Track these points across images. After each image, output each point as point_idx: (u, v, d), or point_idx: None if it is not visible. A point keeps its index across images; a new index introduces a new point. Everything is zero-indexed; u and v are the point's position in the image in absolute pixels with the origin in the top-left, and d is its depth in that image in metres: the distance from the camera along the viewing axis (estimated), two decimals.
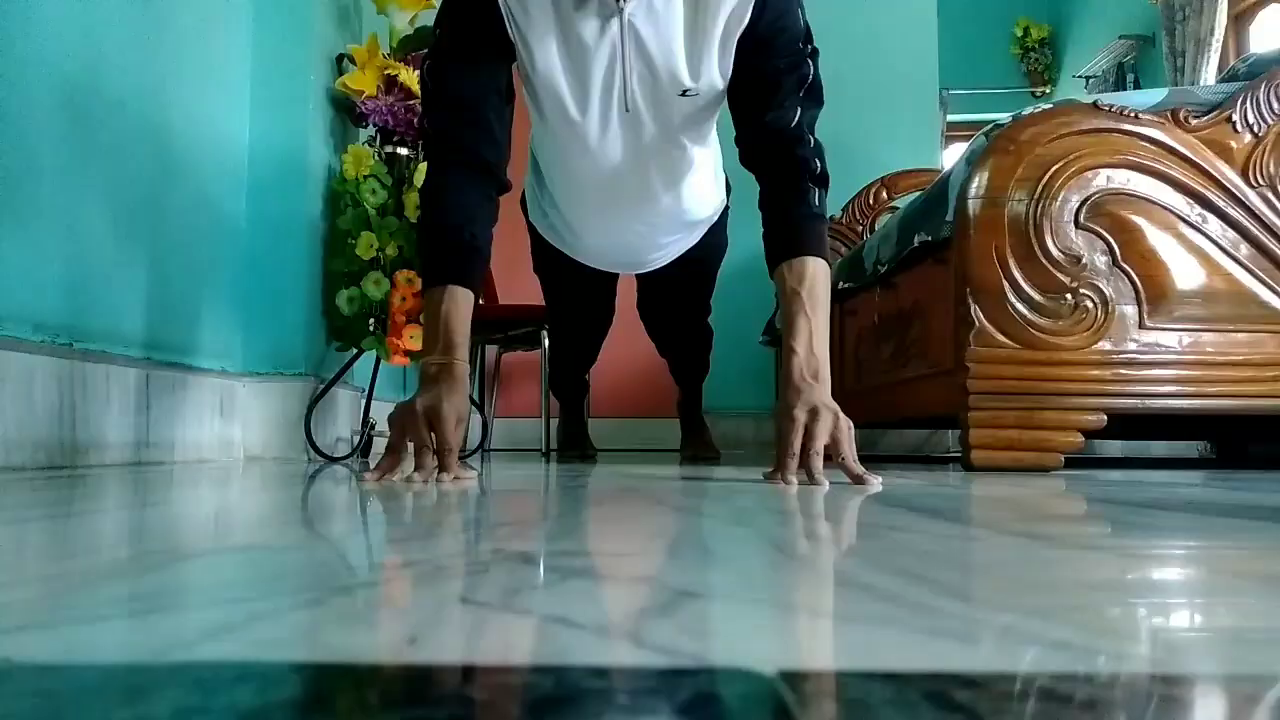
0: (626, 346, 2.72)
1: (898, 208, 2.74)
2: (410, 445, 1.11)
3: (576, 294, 2.01)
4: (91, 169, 1.49)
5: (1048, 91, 5.44)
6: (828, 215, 1.32)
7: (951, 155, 4.67)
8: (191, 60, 1.81)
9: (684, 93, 1.34)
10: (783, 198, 1.29)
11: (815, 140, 1.32)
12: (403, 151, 2.18)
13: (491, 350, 3.35)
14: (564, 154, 1.50)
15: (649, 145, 1.45)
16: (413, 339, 2.04)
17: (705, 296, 2.13)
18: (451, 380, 1.14)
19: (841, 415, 1.13)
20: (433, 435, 1.11)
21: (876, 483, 1.07)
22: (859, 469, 1.10)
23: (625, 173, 1.50)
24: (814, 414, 1.12)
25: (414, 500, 0.84)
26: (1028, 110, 1.72)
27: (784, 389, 1.19)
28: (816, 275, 1.23)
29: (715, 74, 1.33)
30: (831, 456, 1.12)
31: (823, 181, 1.31)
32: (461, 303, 1.19)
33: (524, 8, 1.27)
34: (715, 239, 1.92)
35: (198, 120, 1.84)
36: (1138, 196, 1.67)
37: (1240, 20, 4.01)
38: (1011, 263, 1.64)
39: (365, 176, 2.12)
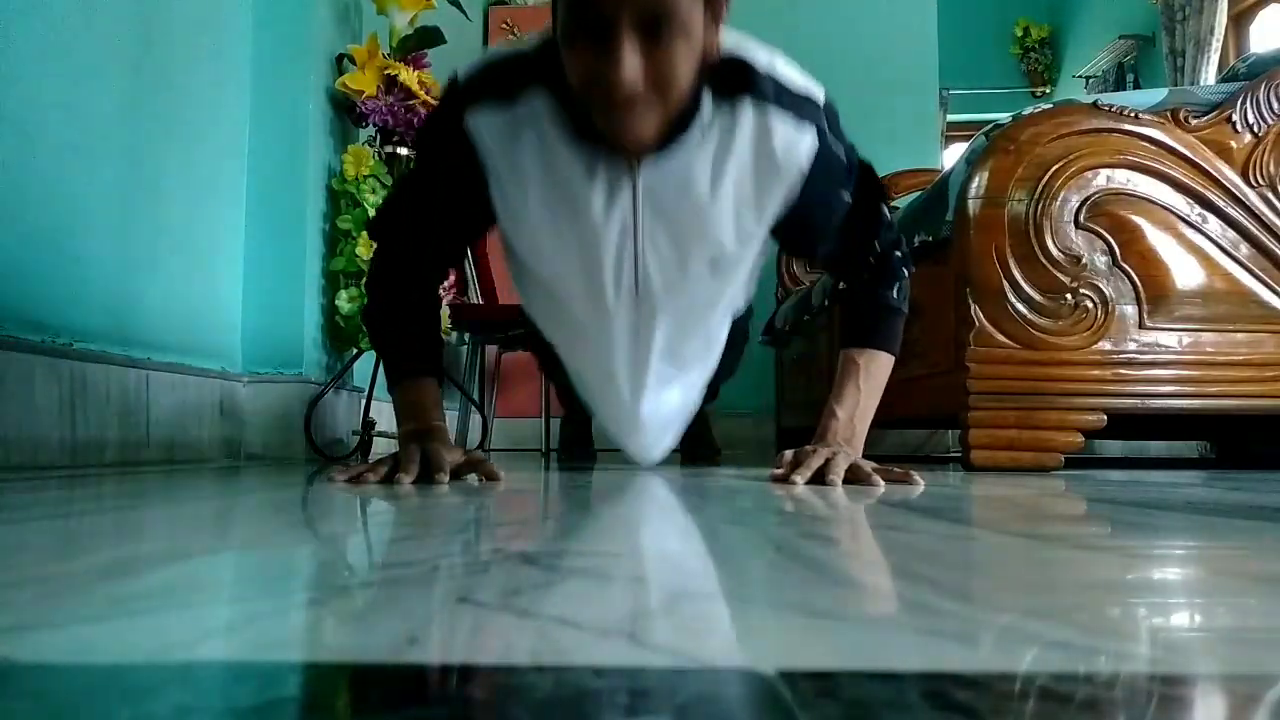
0: None
1: (898, 208, 2.74)
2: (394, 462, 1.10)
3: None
4: (91, 168, 1.49)
5: (1048, 91, 5.44)
6: (905, 308, 1.26)
7: (951, 155, 4.67)
8: (191, 60, 1.81)
9: (713, 263, 1.18)
10: (857, 292, 1.26)
11: (885, 238, 1.23)
12: (403, 151, 2.18)
13: (492, 350, 3.35)
14: (553, 322, 1.34)
15: (660, 329, 1.25)
16: None
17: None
18: (435, 434, 1.14)
19: (851, 456, 1.13)
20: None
21: (881, 487, 1.07)
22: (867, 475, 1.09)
23: (628, 351, 1.29)
24: (832, 455, 1.12)
25: (414, 501, 0.84)
26: (1028, 110, 1.72)
27: (816, 435, 1.20)
28: (879, 363, 1.23)
29: (753, 240, 1.19)
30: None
31: (898, 274, 1.24)
32: (431, 387, 1.19)
33: (511, 163, 1.08)
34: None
35: (197, 119, 1.84)
36: (1138, 196, 1.67)
37: (1240, 20, 4.01)
38: (1011, 263, 1.64)
39: (365, 176, 2.12)
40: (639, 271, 1.16)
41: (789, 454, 1.15)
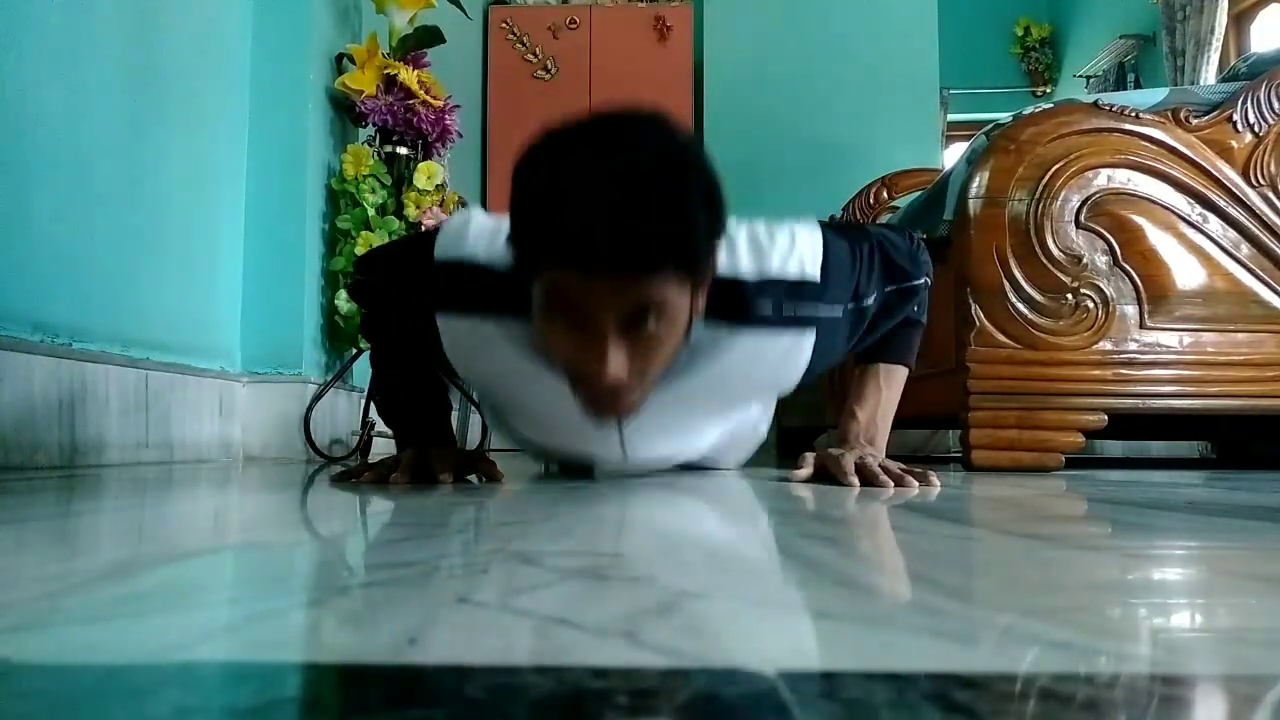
0: None
1: (898, 208, 2.74)
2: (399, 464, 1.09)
3: None
4: (91, 167, 1.49)
5: (1048, 91, 5.43)
6: (925, 317, 1.23)
7: (952, 155, 4.67)
8: (191, 60, 1.81)
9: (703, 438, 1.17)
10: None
11: (918, 285, 1.18)
12: (402, 151, 2.18)
13: None
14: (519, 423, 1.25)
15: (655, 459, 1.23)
16: None
17: None
18: (437, 438, 1.14)
19: (875, 459, 1.12)
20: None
21: (937, 486, 1.07)
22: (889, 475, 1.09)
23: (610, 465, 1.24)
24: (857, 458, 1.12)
25: (414, 501, 0.84)
26: (1028, 110, 1.72)
27: (838, 438, 1.20)
28: (897, 370, 1.22)
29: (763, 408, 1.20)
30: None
31: (922, 291, 1.19)
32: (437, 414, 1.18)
33: (480, 365, 1.05)
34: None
35: (197, 119, 1.84)
36: (1138, 196, 1.67)
37: (1241, 20, 4.01)
38: (1012, 262, 1.64)
39: (365, 176, 2.11)
40: (626, 455, 1.14)
41: (810, 456, 1.15)
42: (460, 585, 0.37)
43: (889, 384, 1.21)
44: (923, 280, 1.17)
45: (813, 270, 1.02)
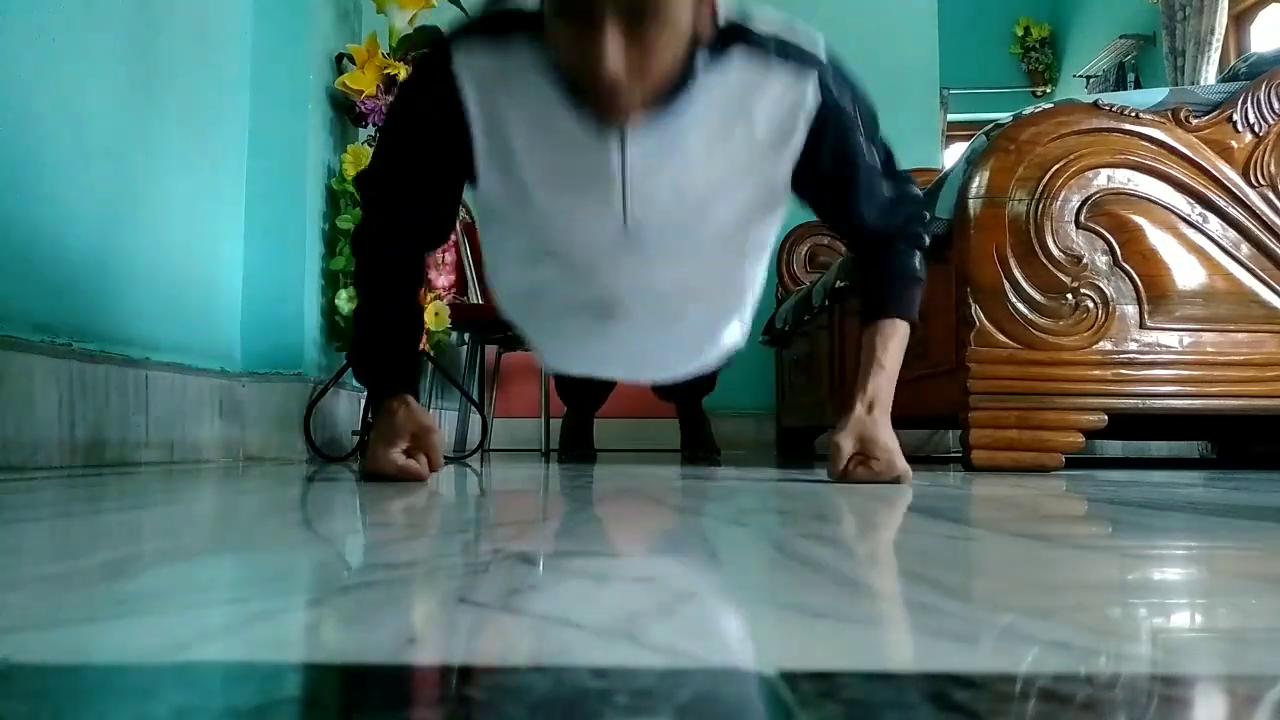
0: None
1: None
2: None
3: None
4: (91, 167, 1.49)
5: (1048, 91, 5.43)
6: (923, 276, 1.25)
7: (952, 155, 4.67)
8: (191, 59, 1.81)
9: (702, 208, 1.16)
10: (875, 260, 1.25)
11: (903, 207, 1.22)
12: None
13: (491, 350, 3.35)
14: (533, 273, 1.29)
15: (652, 267, 1.23)
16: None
17: (715, 373, 1.93)
18: (416, 411, 1.13)
19: (887, 459, 1.15)
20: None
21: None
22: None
23: (613, 293, 1.27)
24: (863, 447, 1.16)
25: (414, 501, 0.84)
26: (1028, 110, 1.72)
27: (846, 414, 1.20)
28: (900, 333, 1.23)
29: (761, 204, 1.17)
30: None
31: (922, 241, 1.24)
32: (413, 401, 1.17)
33: (496, 108, 1.07)
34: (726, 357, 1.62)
35: (196, 119, 1.84)
36: (1138, 196, 1.67)
37: (1241, 20, 4.01)
38: (1012, 262, 1.64)
39: None
40: (627, 213, 1.13)
41: (847, 448, 1.16)
42: (460, 585, 0.37)
43: (889, 352, 1.22)
44: (924, 223, 1.22)
45: (818, 47, 1.10)
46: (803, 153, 1.10)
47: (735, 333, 1.47)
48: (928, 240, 1.26)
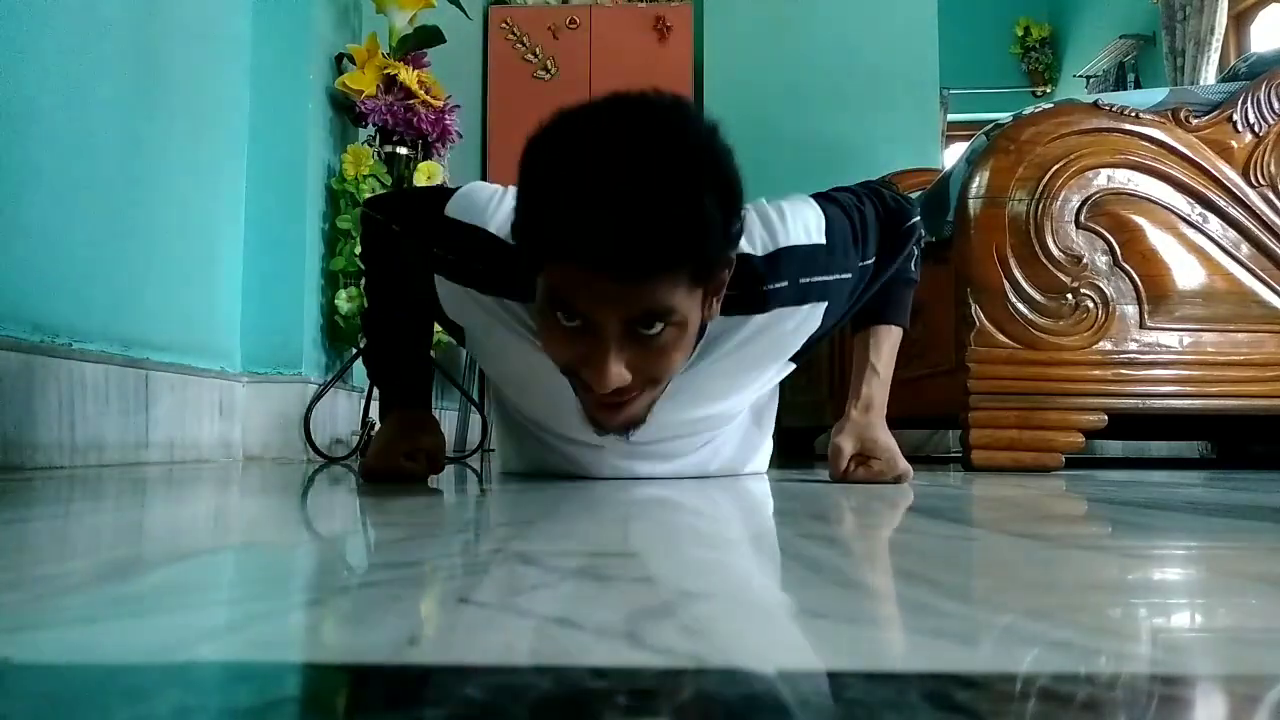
0: None
1: None
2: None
3: None
4: (90, 167, 1.49)
5: (1048, 91, 5.43)
6: (917, 278, 1.22)
7: (952, 155, 4.67)
8: (190, 59, 1.81)
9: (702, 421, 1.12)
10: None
11: (911, 240, 1.16)
12: (402, 151, 2.18)
13: None
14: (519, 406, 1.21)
15: (649, 460, 1.18)
16: None
17: None
18: (424, 418, 1.12)
19: (886, 458, 1.14)
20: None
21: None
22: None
23: (608, 470, 1.20)
24: (862, 446, 1.15)
25: (414, 501, 0.84)
26: (1028, 110, 1.72)
27: (843, 418, 1.20)
28: (889, 340, 1.20)
29: (767, 381, 1.13)
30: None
31: (913, 250, 1.18)
32: (418, 370, 1.15)
33: (483, 334, 1.03)
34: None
35: (196, 119, 1.84)
36: (1138, 196, 1.67)
37: (1241, 20, 4.01)
38: (1012, 262, 1.64)
39: (365, 176, 2.11)
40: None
41: (848, 448, 1.15)
42: (460, 585, 0.37)
43: (889, 348, 1.20)
44: (916, 219, 1.16)
45: (819, 236, 1.00)
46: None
47: (757, 455, 1.35)
48: (920, 247, 1.22)
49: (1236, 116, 1.68)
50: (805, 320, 1.02)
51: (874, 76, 3.97)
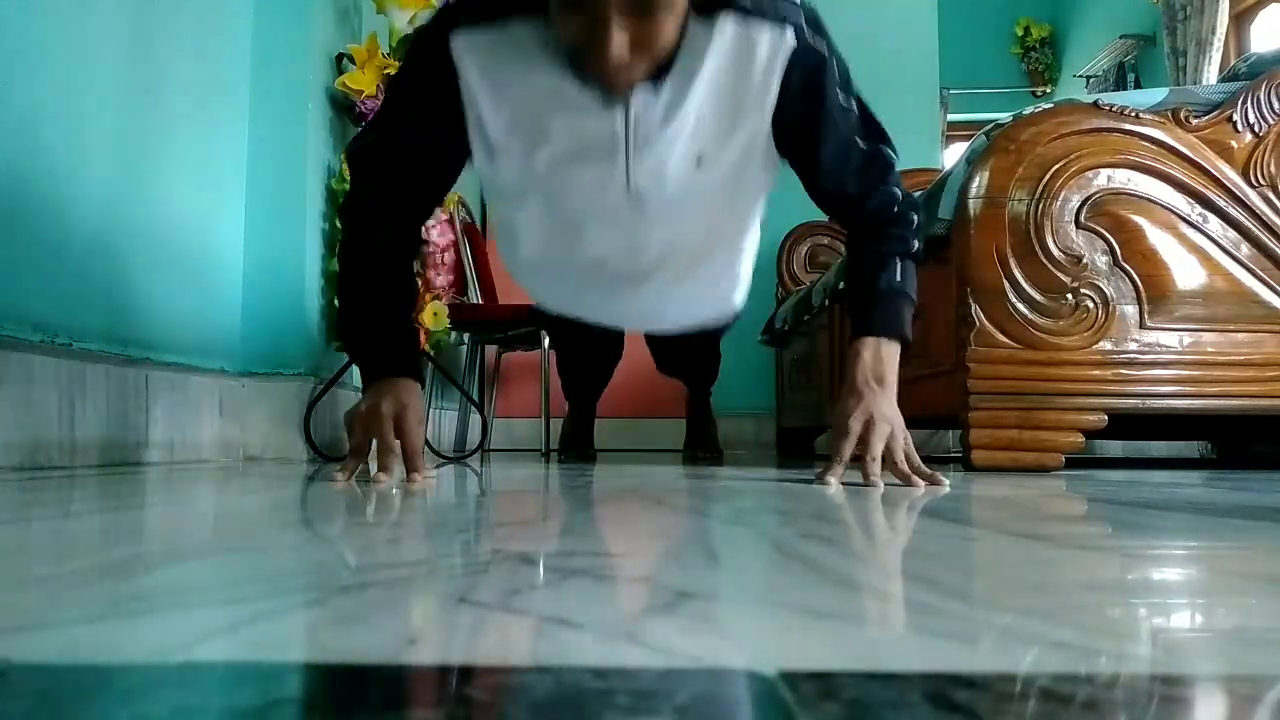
0: (627, 347, 2.72)
1: None
2: (374, 446, 1.09)
3: (578, 333, 1.84)
4: (90, 167, 1.49)
5: (1048, 91, 5.43)
6: (913, 290, 1.20)
7: (952, 155, 4.67)
8: (190, 58, 1.81)
9: (700, 165, 1.19)
10: (861, 268, 1.21)
11: (889, 203, 1.19)
12: None
13: (491, 350, 3.35)
14: (538, 232, 1.32)
15: (654, 229, 1.28)
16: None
17: (717, 341, 2.08)
18: (409, 385, 1.12)
19: (898, 424, 1.12)
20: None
21: (945, 485, 1.07)
22: (911, 474, 1.09)
23: (619, 256, 1.33)
24: (869, 423, 1.11)
25: (414, 500, 0.84)
26: (1028, 110, 1.72)
27: (844, 392, 1.17)
28: (888, 356, 1.17)
29: (750, 156, 1.19)
30: (886, 463, 1.10)
31: (906, 244, 1.20)
32: (414, 394, 1.13)
33: (494, 84, 1.09)
34: (726, 318, 1.67)
35: (196, 118, 1.84)
36: (1138, 196, 1.67)
37: (1241, 20, 4.01)
38: (1012, 262, 1.64)
39: None
40: (629, 178, 1.17)
41: (839, 464, 1.12)
42: (460, 585, 0.37)
43: (883, 376, 1.17)
44: (892, 154, 1.20)
45: (798, 4, 1.11)
46: (779, 94, 1.13)
47: (735, 292, 1.54)
48: (920, 245, 1.22)
49: (1236, 116, 1.68)
50: (774, 53, 1.10)
51: (874, 76, 3.95)
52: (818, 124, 1.16)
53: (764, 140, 1.18)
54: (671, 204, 1.22)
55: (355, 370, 2.20)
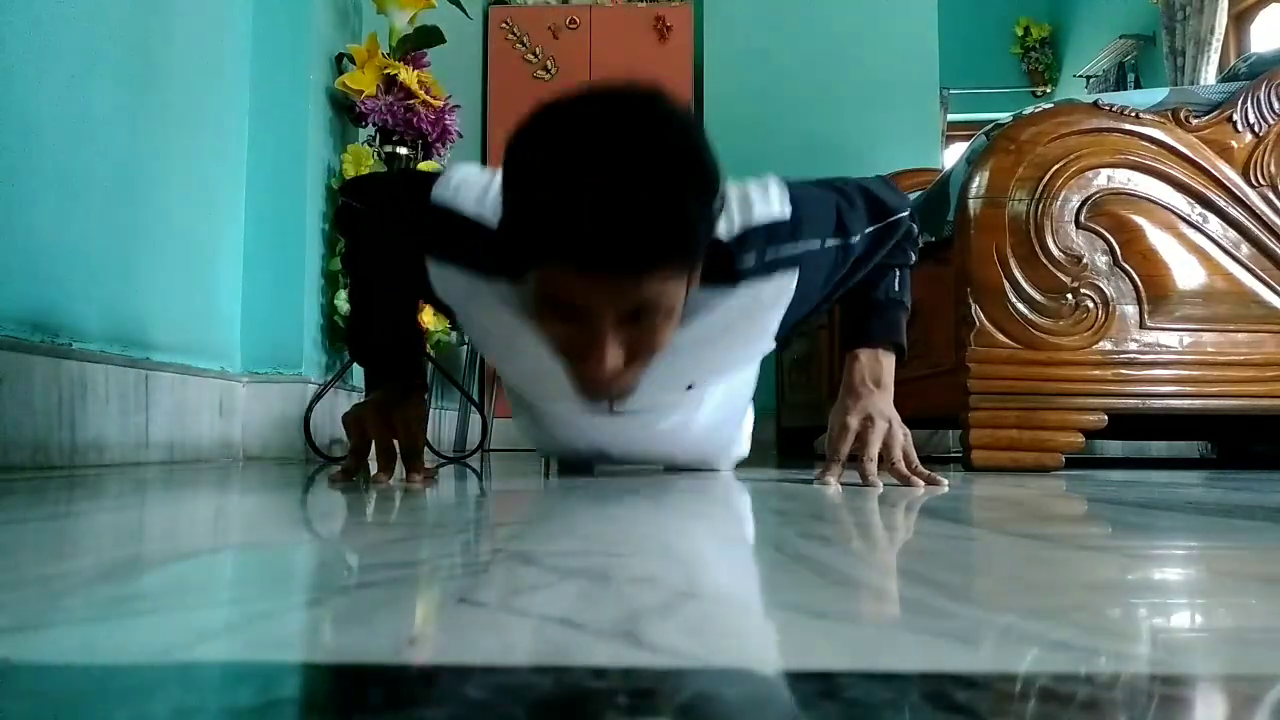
0: None
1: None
2: (374, 447, 1.09)
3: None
4: (90, 167, 1.49)
5: (1048, 91, 5.43)
6: (908, 299, 1.20)
7: (952, 155, 4.67)
8: (190, 59, 1.81)
9: (691, 387, 1.16)
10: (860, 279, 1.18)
11: (890, 238, 1.14)
12: (402, 151, 2.18)
13: None
14: (514, 379, 1.25)
15: (642, 425, 1.23)
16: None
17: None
18: (411, 386, 1.11)
19: (896, 422, 1.12)
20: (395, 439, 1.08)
21: (944, 485, 1.07)
22: (910, 474, 1.09)
23: (614, 431, 1.27)
24: (867, 422, 1.11)
25: (414, 501, 0.84)
26: (1028, 110, 1.72)
27: (842, 392, 1.17)
28: (885, 362, 1.17)
29: (749, 363, 1.19)
30: (884, 463, 1.10)
31: (906, 256, 1.17)
32: (416, 394, 1.13)
33: (472, 314, 1.04)
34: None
35: (196, 119, 1.84)
36: (1138, 196, 1.67)
37: (1241, 20, 4.01)
38: (1012, 262, 1.64)
39: None
40: (612, 407, 1.11)
41: (836, 463, 1.12)
42: (460, 585, 0.37)
43: (886, 359, 1.18)
44: (906, 213, 1.14)
45: (781, 208, 1.01)
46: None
47: (736, 441, 1.51)
48: (915, 249, 1.20)
49: (1236, 116, 1.69)
50: (779, 292, 1.03)
51: (874, 76, 3.97)
52: (833, 280, 1.11)
53: (770, 335, 1.10)
54: (660, 410, 1.19)
55: (355, 370, 2.21)
